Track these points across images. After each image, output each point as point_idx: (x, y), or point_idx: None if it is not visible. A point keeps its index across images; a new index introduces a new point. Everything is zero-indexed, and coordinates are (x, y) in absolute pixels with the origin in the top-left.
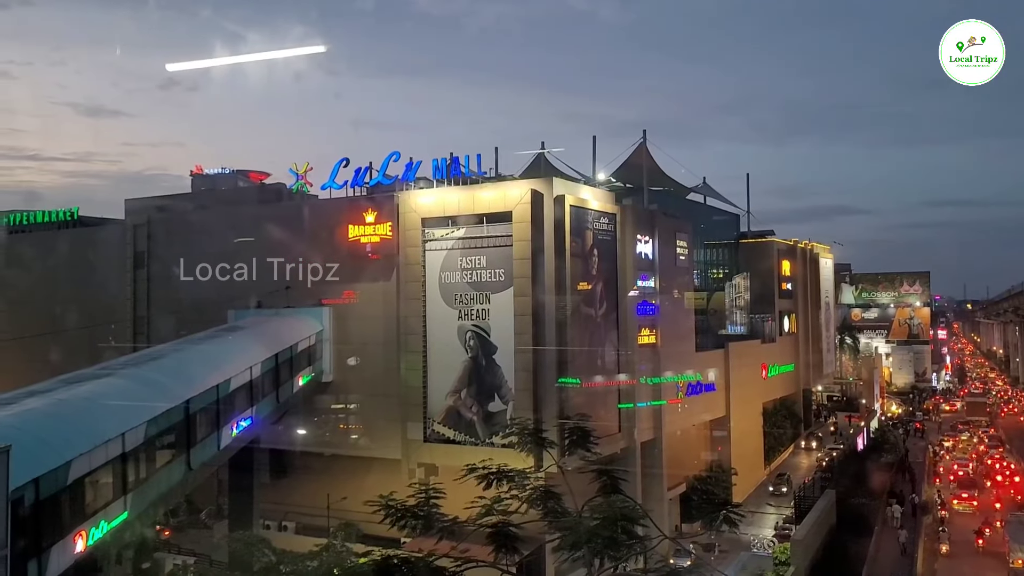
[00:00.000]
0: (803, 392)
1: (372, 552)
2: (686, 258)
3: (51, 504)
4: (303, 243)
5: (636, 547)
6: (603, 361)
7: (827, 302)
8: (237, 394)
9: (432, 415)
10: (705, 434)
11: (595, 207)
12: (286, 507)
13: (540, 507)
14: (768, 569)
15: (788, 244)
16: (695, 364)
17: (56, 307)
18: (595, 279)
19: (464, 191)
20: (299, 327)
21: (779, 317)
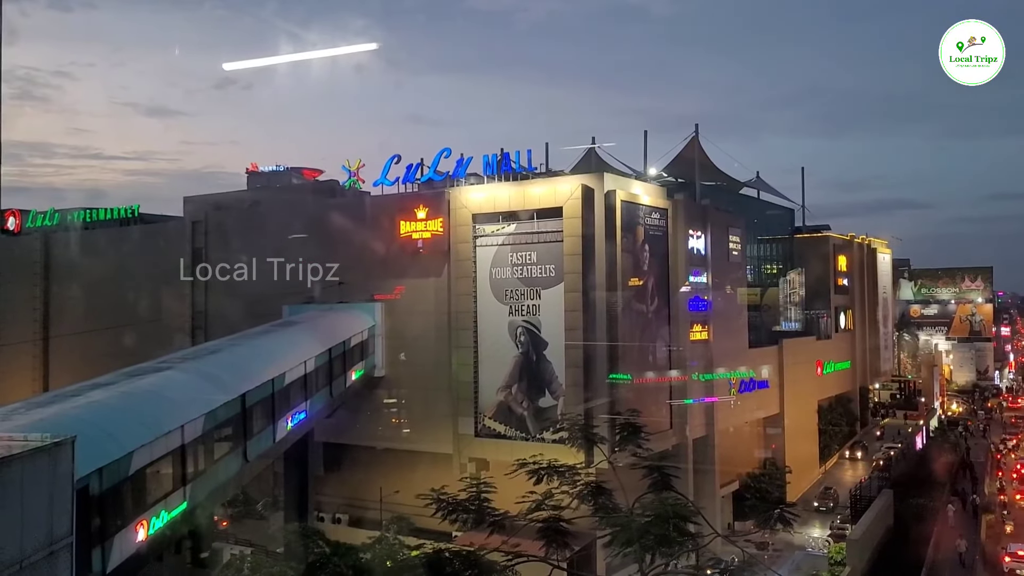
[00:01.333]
0: (860, 390)
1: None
2: (739, 253)
3: (114, 494)
4: (355, 239)
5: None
6: (654, 357)
7: (885, 298)
8: (292, 388)
9: (483, 410)
10: (758, 432)
11: (646, 202)
12: (339, 499)
13: (590, 503)
14: (823, 569)
15: (844, 239)
16: (748, 361)
17: (118, 302)
18: (646, 274)
19: (514, 187)
20: (352, 322)
21: (835, 313)
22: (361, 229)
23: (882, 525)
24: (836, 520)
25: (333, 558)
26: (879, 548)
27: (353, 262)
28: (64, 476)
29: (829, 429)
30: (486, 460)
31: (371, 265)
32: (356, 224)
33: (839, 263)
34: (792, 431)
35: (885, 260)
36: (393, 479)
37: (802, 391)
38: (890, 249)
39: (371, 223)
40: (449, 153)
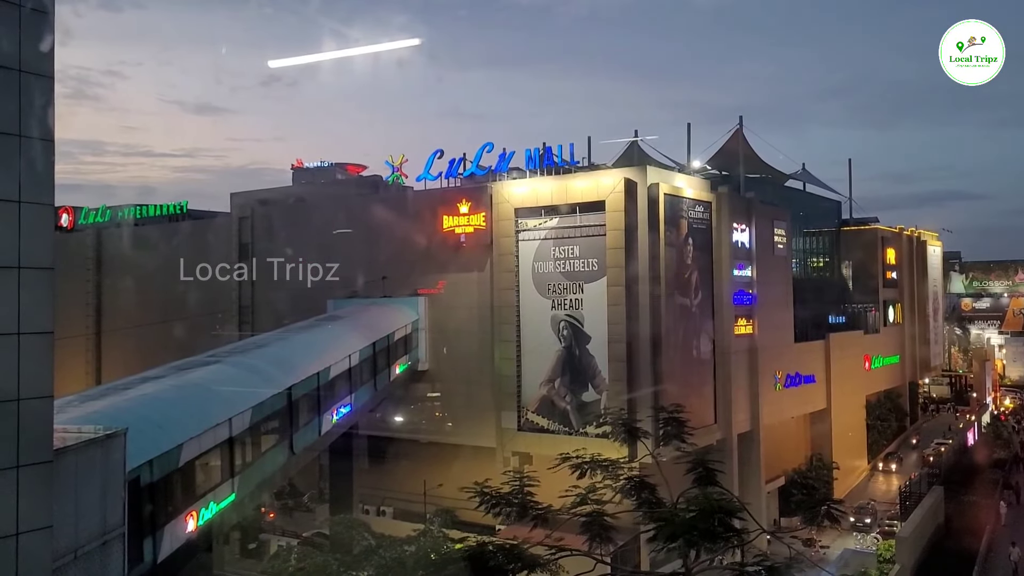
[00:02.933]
0: (909, 385)
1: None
2: (784, 246)
3: (164, 485)
4: (399, 234)
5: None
6: (698, 351)
7: (935, 291)
8: (337, 381)
9: (526, 404)
10: (805, 427)
11: (690, 195)
12: (384, 492)
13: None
14: (872, 567)
15: (893, 231)
16: (793, 355)
17: (168, 297)
18: (690, 268)
19: (557, 181)
20: (396, 316)
21: (883, 307)
22: (404, 224)
23: (932, 522)
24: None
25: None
26: (929, 546)
27: (396, 257)
28: (116, 467)
29: (877, 425)
30: (529, 454)
31: (414, 259)
32: (399, 219)
33: (887, 256)
34: (839, 426)
35: (935, 252)
36: (436, 472)
37: (849, 386)
38: (940, 241)
39: (414, 218)
40: (491, 148)
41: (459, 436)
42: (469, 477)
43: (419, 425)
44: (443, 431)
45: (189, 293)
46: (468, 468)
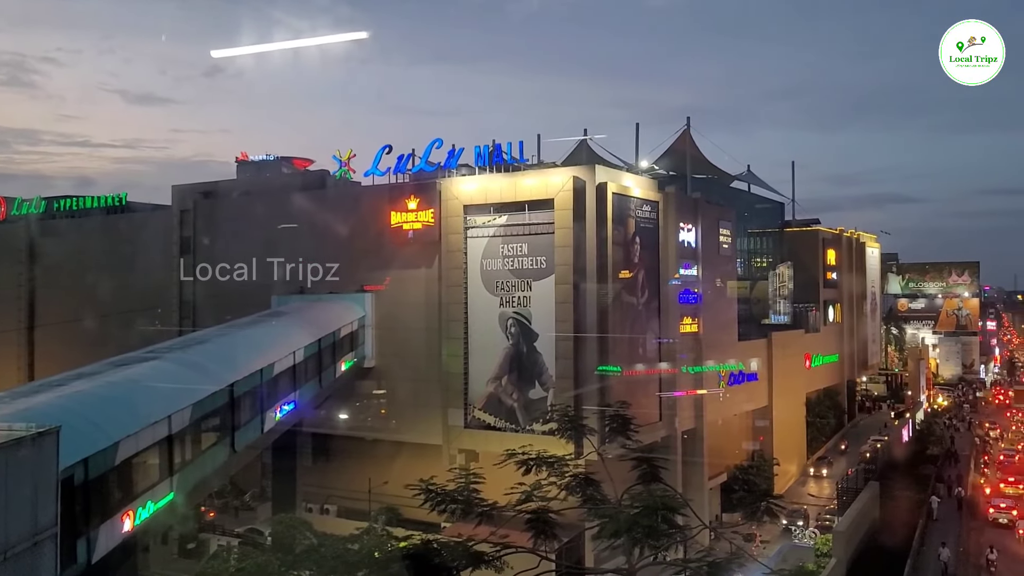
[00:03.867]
0: (847, 383)
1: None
2: (729, 246)
3: (99, 484)
4: (346, 229)
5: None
6: (644, 349)
7: (873, 292)
8: (280, 378)
9: (473, 401)
10: (747, 424)
11: (637, 195)
12: (328, 490)
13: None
14: (809, 560)
15: (833, 233)
16: (737, 353)
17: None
18: (637, 267)
19: (506, 178)
20: (341, 312)
21: (823, 307)
22: (351, 219)
23: (868, 517)
24: (821, 512)
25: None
26: (865, 540)
27: (343, 252)
28: (48, 466)
29: (817, 422)
30: (475, 451)
31: (361, 255)
32: (346, 214)
33: (828, 257)
34: (780, 423)
35: (873, 254)
36: (382, 470)
37: (790, 384)
38: (878, 243)
39: (361, 213)
40: (441, 144)
41: (405, 433)
42: (415, 474)
43: (365, 422)
44: (389, 428)
45: (128, 288)
46: (414, 465)
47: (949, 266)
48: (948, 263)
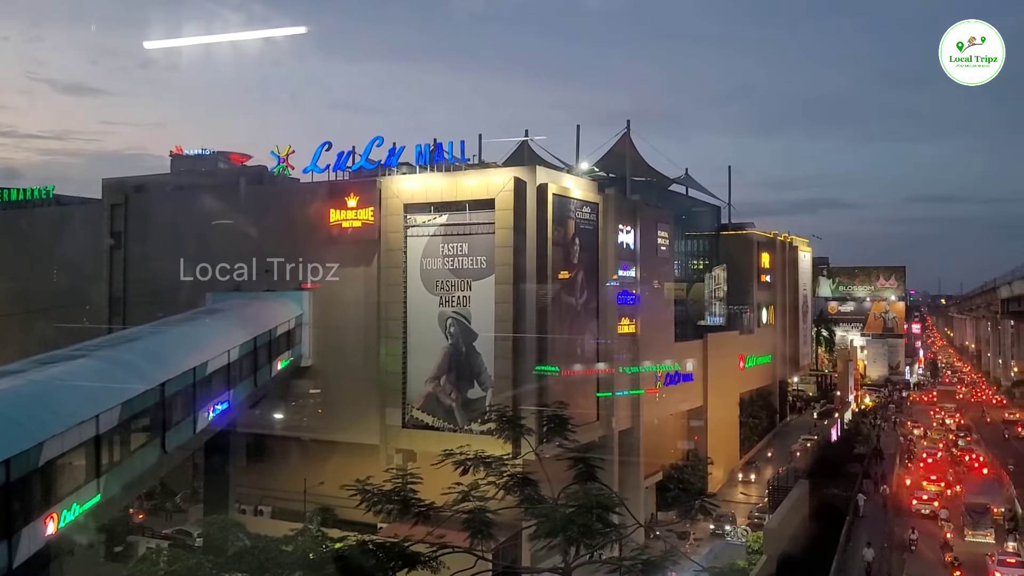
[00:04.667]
0: (779, 383)
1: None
2: (667, 248)
3: (21, 486)
4: (284, 226)
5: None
6: (583, 349)
7: (804, 294)
8: (214, 377)
9: (411, 401)
10: (682, 424)
11: (578, 196)
12: (262, 491)
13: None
14: (740, 558)
15: (767, 236)
16: (674, 354)
17: (30, 288)
18: (576, 268)
19: (447, 177)
20: (278, 310)
21: (757, 309)
22: (290, 216)
23: (798, 515)
24: (753, 511)
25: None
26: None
27: (281, 250)
28: None
29: (750, 421)
30: (413, 451)
31: (299, 253)
32: (284, 211)
33: (762, 260)
34: (715, 423)
35: (805, 258)
36: (318, 470)
37: (725, 384)
38: (810, 247)
39: (300, 210)
40: (381, 142)
41: (342, 433)
42: (351, 475)
43: (301, 422)
44: (326, 428)
45: (55, 284)
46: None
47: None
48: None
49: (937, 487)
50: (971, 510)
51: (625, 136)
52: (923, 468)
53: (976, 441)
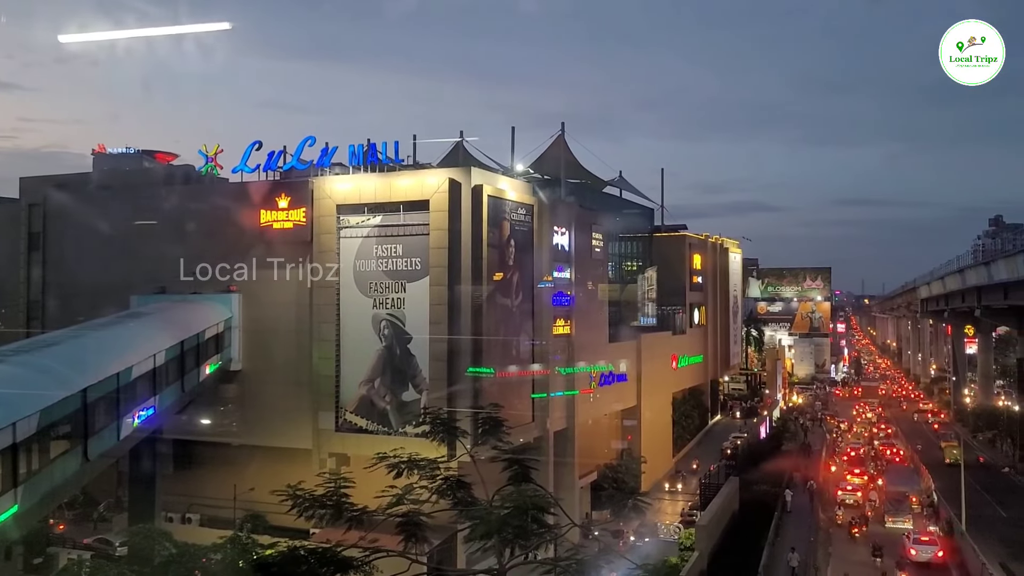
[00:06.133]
0: (711, 383)
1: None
2: (601, 250)
3: None
4: (212, 227)
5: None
6: (518, 351)
7: (735, 295)
8: (139, 382)
9: (344, 404)
10: (616, 423)
11: (512, 198)
12: (191, 499)
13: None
14: (673, 554)
15: (699, 238)
16: (608, 355)
17: None
18: (511, 269)
19: (381, 178)
20: (206, 313)
21: (689, 309)
22: (218, 217)
23: (728, 511)
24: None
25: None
26: (725, 533)
27: (209, 251)
28: None
29: (682, 420)
30: (346, 455)
31: (229, 255)
32: (213, 212)
33: (694, 261)
34: (648, 423)
35: (736, 259)
36: (249, 476)
37: (658, 384)
38: (740, 249)
39: (229, 211)
40: (313, 141)
41: (273, 438)
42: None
43: (230, 427)
44: (256, 433)
45: None
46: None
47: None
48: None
49: (861, 479)
50: (891, 498)
51: (560, 138)
52: (847, 461)
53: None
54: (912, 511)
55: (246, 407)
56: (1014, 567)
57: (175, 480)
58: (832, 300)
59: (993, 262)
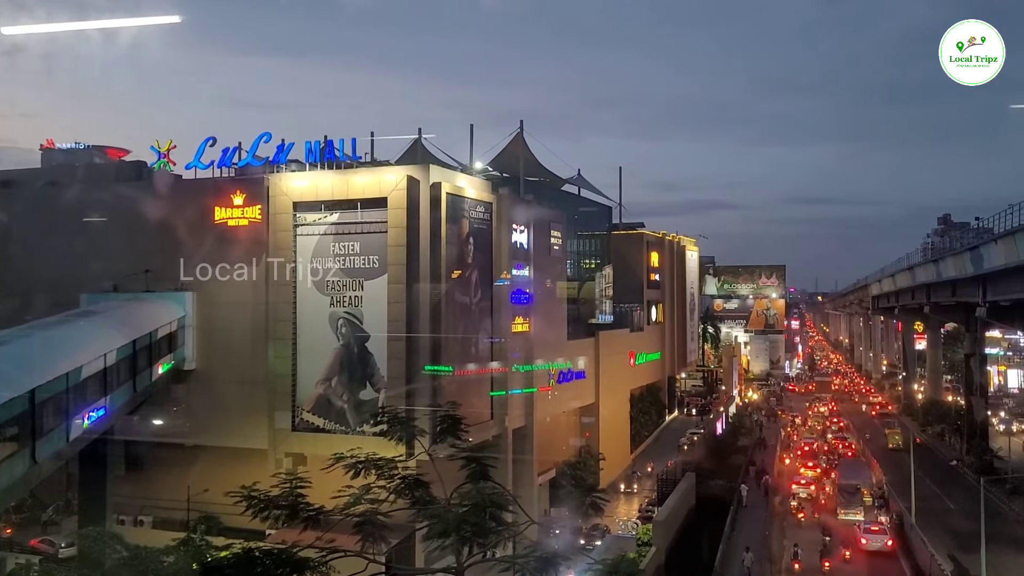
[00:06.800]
0: (668, 379)
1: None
2: (559, 248)
3: None
4: (165, 224)
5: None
6: (476, 349)
7: (692, 293)
8: (89, 383)
9: (301, 403)
10: (575, 421)
11: (471, 195)
12: (143, 501)
13: (409, 496)
14: (631, 550)
15: (657, 236)
16: (566, 352)
17: None
18: (470, 267)
19: (338, 175)
20: (159, 312)
21: (647, 307)
22: (172, 214)
23: (685, 506)
24: (643, 503)
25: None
26: (682, 528)
27: (163, 249)
28: None
29: (640, 417)
30: (303, 455)
31: (183, 253)
32: (166, 209)
33: (651, 259)
34: (606, 420)
35: (693, 257)
36: (204, 477)
37: (616, 381)
38: (697, 247)
39: (183, 208)
40: (269, 138)
41: (228, 438)
42: (238, 481)
43: (184, 428)
44: (211, 433)
45: None
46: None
47: (759, 269)
48: (759, 266)
49: (814, 472)
50: (843, 491)
51: (518, 136)
52: (800, 455)
53: (848, 427)
54: (864, 504)
55: (200, 407)
56: (961, 558)
57: (127, 482)
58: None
59: (941, 260)
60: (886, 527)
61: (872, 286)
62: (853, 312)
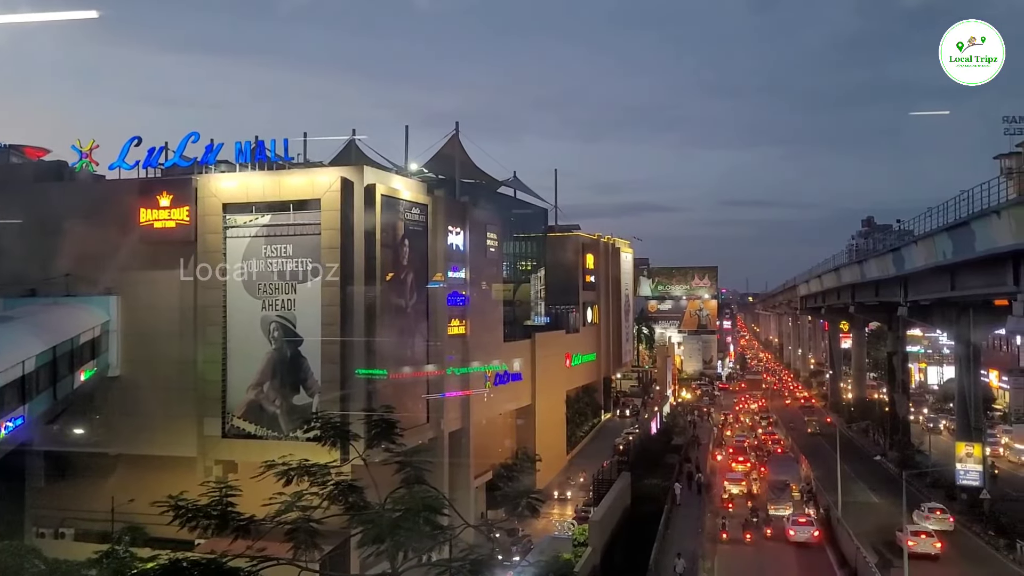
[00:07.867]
0: (604, 380)
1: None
2: (495, 250)
3: None
4: (87, 227)
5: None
6: (412, 352)
7: (627, 294)
8: (5, 391)
9: (231, 409)
10: (511, 422)
11: (406, 197)
12: (65, 513)
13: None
14: (567, 551)
15: (592, 238)
16: (503, 354)
17: None
18: (405, 269)
19: (270, 176)
20: (81, 317)
21: (582, 308)
22: (94, 216)
23: (620, 506)
24: (579, 504)
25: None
26: (618, 527)
27: (85, 252)
28: None
29: (576, 418)
30: (234, 462)
31: (106, 256)
32: (88, 210)
33: (587, 261)
34: (542, 421)
35: (627, 259)
36: (129, 487)
37: (552, 383)
38: (632, 248)
39: (106, 210)
40: (197, 138)
41: (155, 446)
42: (167, 490)
43: (109, 436)
44: (137, 442)
45: None
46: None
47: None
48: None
49: (744, 467)
50: (773, 487)
51: (454, 138)
52: (732, 452)
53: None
54: (792, 499)
55: (126, 414)
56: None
57: (47, 494)
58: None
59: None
60: (813, 519)
61: (800, 287)
62: (782, 312)
